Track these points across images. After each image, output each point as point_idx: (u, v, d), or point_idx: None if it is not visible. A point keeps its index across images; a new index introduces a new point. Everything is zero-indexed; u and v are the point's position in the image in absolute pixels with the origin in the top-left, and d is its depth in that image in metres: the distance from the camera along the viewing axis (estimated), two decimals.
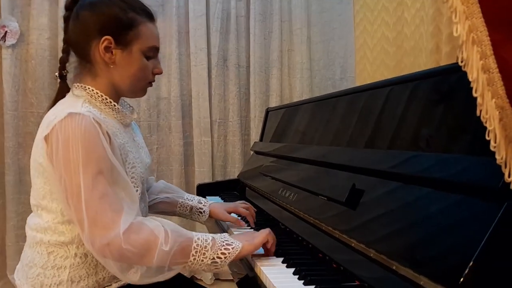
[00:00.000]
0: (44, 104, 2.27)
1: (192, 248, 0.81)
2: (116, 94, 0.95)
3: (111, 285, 0.91)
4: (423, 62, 1.81)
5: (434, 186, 0.69)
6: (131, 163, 0.92)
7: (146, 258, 0.78)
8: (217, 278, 2.47)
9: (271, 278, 0.78)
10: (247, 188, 1.68)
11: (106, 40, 0.88)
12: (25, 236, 0.95)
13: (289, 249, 0.97)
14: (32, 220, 0.93)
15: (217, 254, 0.82)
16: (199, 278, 2.46)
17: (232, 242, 0.85)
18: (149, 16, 0.94)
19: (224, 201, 1.56)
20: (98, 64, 0.91)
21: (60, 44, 2.21)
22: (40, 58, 2.25)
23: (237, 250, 0.84)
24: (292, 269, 0.83)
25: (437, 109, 0.79)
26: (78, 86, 0.92)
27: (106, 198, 0.79)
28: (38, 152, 0.87)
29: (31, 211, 0.98)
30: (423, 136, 0.81)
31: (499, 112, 0.42)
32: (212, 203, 1.23)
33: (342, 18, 2.51)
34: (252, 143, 2.40)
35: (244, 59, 2.54)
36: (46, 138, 0.83)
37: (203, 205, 1.21)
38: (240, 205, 1.22)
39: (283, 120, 1.70)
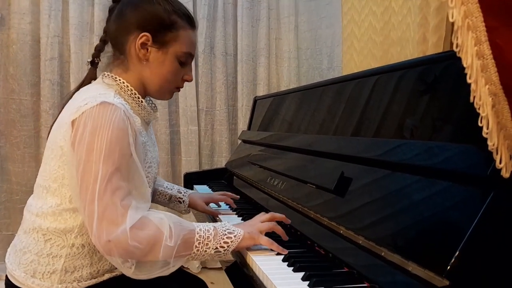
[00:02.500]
0: (26, 90, 2.21)
1: (195, 240, 0.82)
2: (143, 92, 0.95)
3: (103, 275, 0.90)
4: (409, 52, 1.82)
5: (422, 174, 0.70)
6: (148, 163, 0.92)
7: (151, 254, 0.78)
8: (204, 267, 2.48)
9: (261, 265, 0.78)
10: (234, 177, 1.67)
11: (144, 36, 0.89)
12: (7, 225, 0.93)
13: (277, 237, 0.97)
14: (33, 203, 0.90)
15: (220, 243, 0.83)
16: (186, 266, 2.46)
17: (233, 231, 0.85)
18: (191, 23, 0.95)
19: (212, 190, 1.55)
20: (132, 58, 0.92)
21: (43, 28, 2.18)
22: (22, 43, 2.19)
23: (239, 238, 0.84)
24: (281, 256, 0.83)
25: (424, 98, 0.80)
26: (108, 75, 0.93)
27: (118, 193, 0.78)
28: (60, 134, 0.84)
29: (13, 200, 0.96)
30: (410, 124, 0.82)
31: (492, 99, 0.42)
32: (191, 193, 1.23)
33: (330, 7, 2.50)
34: (239, 132, 2.39)
35: (231, 47, 2.52)
36: (73, 122, 0.81)
37: (183, 194, 1.21)
38: (216, 194, 1.26)
39: (271, 109, 1.70)
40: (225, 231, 0.84)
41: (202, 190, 1.57)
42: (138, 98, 0.93)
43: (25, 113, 2.22)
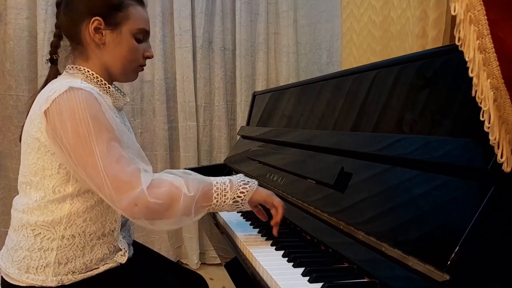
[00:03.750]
0: (23, 86, 2.20)
1: (213, 191, 0.86)
2: (109, 77, 0.96)
3: (98, 267, 0.90)
4: (409, 47, 1.81)
5: (423, 168, 0.69)
6: (125, 143, 0.92)
7: (173, 207, 0.81)
8: (203, 263, 2.48)
9: (261, 261, 0.78)
10: (233, 172, 1.67)
11: (96, 20, 0.90)
12: (5, 222, 0.93)
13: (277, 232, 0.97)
14: (19, 201, 0.91)
15: (237, 193, 0.87)
16: (185, 262, 2.47)
17: (248, 181, 0.89)
18: (139, 0, 0.97)
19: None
20: (89, 45, 0.92)
21: (40, 24, 2.16)
22: (18, 38, 2.17)
23: (253, 188, 0.88)
24: (281, 252, 0.83)
25: (423, 92, 0.80)
26: (72, 67, 0.94)
27: (122, 160, 0.81)
28: (34, 127, 0.85)
29: (10, 196, 0.96)
30: (410, 119, 0.81)
31: (494, 93, 0.41)
32: None
33: (329, 1, 2.48)
34: (238, 128, 2.38)
35: (229, 41, 2.50)
36: (46, 112, 0.82)
37: None
38: None
39: (270, 104, 1.69)
40: (240, 182, 0.88)
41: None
42: (105, 84, 0.94)
43: (23, 109, 2.21)
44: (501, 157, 0.44)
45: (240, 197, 0.87)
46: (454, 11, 0.42)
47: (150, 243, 2.37)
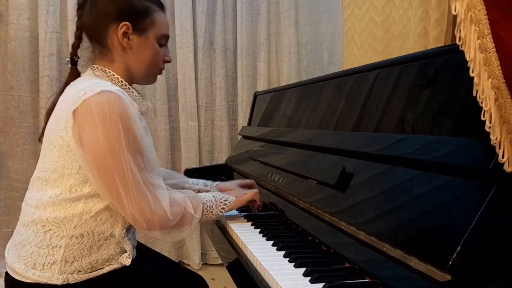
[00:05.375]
0: (25, 87, 2.21)
1: (204, 208, 0.99)
2: (130, 80, 0.99)
3: (103, 268, 0.90)
4: (411, 46, 1.81)
5: (424, 168, 0.69)
6: (146, 155, 0.93)
7: (182, 223, 0.93)
8: (205, 263, 2.48)
9: (262, 261, 0.78)
10: (235, 172, 1.67)
11: (125, 25, 0.92)
12: (8, 222, 0.93)
13: (278, 233, 0.97)
14: (31, 196, 0.91)
15: (219, 209, 1.02)
16: (186, 263, 2.47)
17: (227, 198, 1.05)
18: (161, 6, 1.00)
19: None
20: (116, 49, 0.94)
21: (41, 24, 2.17)
22: (20, 39, 2.18)
23: (231, 203, 1.05)
24: (283, 252, 0.83)
25: (425, 92, 0.79)
26: (97, 68, 0.95)
27: (145, 175, 0.87)
28: (60, 125, 0.86)
29: (12, 197, 0.96)
30: (412, 118, 0.81)
31: (495, 93, 0.41)
32: (218, 184, 1.29)
33: (330, 1, 2.48)
34: (239, 128, 2.38)
35: (231, 41, 2.50)
36: (75, 112, 0.83)
37: (210, 187, 1.29)
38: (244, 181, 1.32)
39: (271, 104, 1.69)
40: (221, 199, 1.04)
41: None
42: (129, 89, 0.97)
43: (24, 109, 2.22)
44: (503, 157, 0.44)
45: (221, 212, 1.03)
46: (455, 10, 0.42)
47: (152, 244, 2.38)
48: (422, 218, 0.65)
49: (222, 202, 1.04)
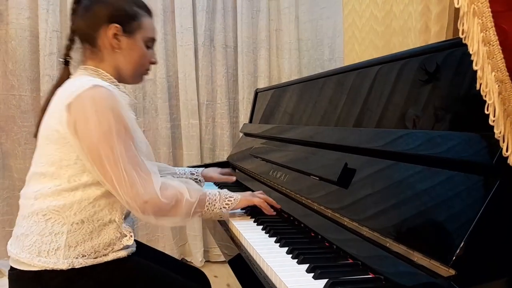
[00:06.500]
0: (25, 86, 2.20)
1: (206, 200, 1.01)
2: (118, 79, 1.04)
3: (107, 254, 0.92)
4: (411, 42, 1.80)
5: (427, 163, 0.69)
6: (138, 143, 0.97)
7: (177, 208, 0.94)
8: (208, 260, 2.48)
9: (265, 258, 0.78)
10: (237, 170, 1.67)
11: (115, 27, 0.99)
12: (10, 222, 0.94)
13: (281, 229, 0.97)
14: (29, 190, 0.93)
15: (223, 204, 1.04)
16: (189, 260, 2.47)
17: (232, 195, 1.06)
18: (149, 12, 1.07)
19: (214, 184, 1.56)
20: (106, 49, 1.00)
21: (41, 24, 2.16)
22: (20, 38, 2.17)
23: (237, 201, 1.06)
24: (285, 248, 0.83)
25: (426, 87, 0.79)
26: (88, 68, 1.00)
27: (137, 161, 0.90)
28: (55, 119, 0.91)
29: (15, 196, 0.98)
30: (413, 114, 0.81)
31: (499, 86, 0.41)
32: (203, 171, 1.41)
33: None
34: (240, 125, 2.38)
35: (231, 39, 2.50)
36: (69, 106, 0.88)
37: (196, 175, 1.38)
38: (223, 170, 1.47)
39: (272, 101, 1.69)
40: (226, 195, 1.06)
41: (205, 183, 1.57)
42: (117, 85, 1.02)
43: (25, 109, 2.21)
44: (507, 150, 0.44)
45: (225, 207, 1.04)
46: (458, 3, 0.41)
47: (155, 241, 2.38)
48: (425, 213, 0.64)
49: (226, 198, 1.05)
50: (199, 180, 1.39)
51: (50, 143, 0.91)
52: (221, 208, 1.03)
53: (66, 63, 1.05)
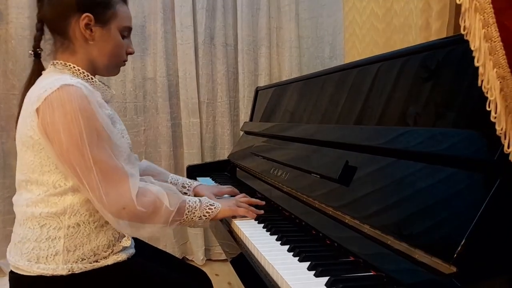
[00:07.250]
0: None
1: (185, 208, 0.95)
2: (93, 72, 0.98)
3: (107, 257, 0.91)
4: (412, 39, 1.80)
5: (428, 161, 0.69)
6: (119, 132, 0.95)
7: (154, 217, 0.89)
8: (209, 259, 2.49)
9: (267, 256, 0.78)
10: (237, 168, 1.67)
11: (87, 17, 0.91)
12: (12, 221, 0.93)
13: (282, 228, 0.97)
14: (20, 198, 0.92)
15: (203, 213, 0.98)
16: (190, 259, 2.47)
17: (213, 203, 1.01)
18: None
19: (215, 182, 1.55)
20: (78, 41, 0.93)
21: None
22: (20, 37, 2.17)
23: (217, 210, 1.00)
24: (287, 246, 0.83)
25: (427, 84, 0.79)
26: (58, 62, 0.94)
27: (112, 166, 0.85)
28: (27, 126, 0.87)
29: None
30: (414, 111, 0.81)
31: (500, 82, 0.41)
32: (198, 186, 1.25)
33: None
34: (241, 124, 2.38)
35: (231, 37, 2.49)
36: (38, 110, 0.83)
37: (187, 189, 1.25)
38: (224, 187, 1.27)
39: (273, 99, 1.68)
40: (207, 203, 1.00)
41: (205, 182, 1.57)
42: (92, 79, 0.96)
43: None
44: (508, 147, 0.44)
45: (206, 216, 0.99)
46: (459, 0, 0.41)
47: (156, 240, 2.38)
48: (426, 210, 0.64)
49: (207, 206, 0.99)
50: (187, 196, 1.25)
51: (27, 149, 0.88)
52: (200, 217, 0.97)
53: (36, 55, 0.98)
